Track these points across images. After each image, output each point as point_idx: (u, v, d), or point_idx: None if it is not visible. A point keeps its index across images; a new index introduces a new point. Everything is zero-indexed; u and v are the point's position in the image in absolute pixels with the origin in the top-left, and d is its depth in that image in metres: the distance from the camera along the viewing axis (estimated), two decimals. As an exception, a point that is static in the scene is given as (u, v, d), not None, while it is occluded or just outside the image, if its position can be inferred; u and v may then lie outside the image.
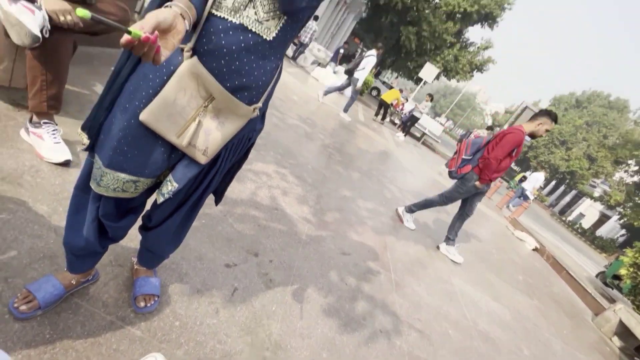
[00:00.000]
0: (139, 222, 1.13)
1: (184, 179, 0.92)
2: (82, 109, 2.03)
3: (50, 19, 1.36)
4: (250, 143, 1.02)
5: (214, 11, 0.79)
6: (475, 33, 69.03)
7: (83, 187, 0.98)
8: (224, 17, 0.78)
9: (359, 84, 7.08)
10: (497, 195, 11.31)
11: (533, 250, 6.75)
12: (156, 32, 0.57)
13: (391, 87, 15.25)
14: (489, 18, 17.25)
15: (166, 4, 0.69)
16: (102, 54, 2.80)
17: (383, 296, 2.17)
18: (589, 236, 23.05)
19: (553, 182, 37.07)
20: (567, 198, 36.35)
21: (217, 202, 1.16)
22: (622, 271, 6.21)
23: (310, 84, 9.05)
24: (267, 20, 0.80)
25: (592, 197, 29.56)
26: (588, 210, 32.85)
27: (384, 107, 10.62)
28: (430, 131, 12.48)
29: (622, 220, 23.35)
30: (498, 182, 10.67)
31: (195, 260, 1.53)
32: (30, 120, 1.53)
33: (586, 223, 30.22)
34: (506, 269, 4.47)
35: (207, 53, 0.79)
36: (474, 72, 18.50)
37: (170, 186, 0.92)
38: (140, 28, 0.56)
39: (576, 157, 30.90)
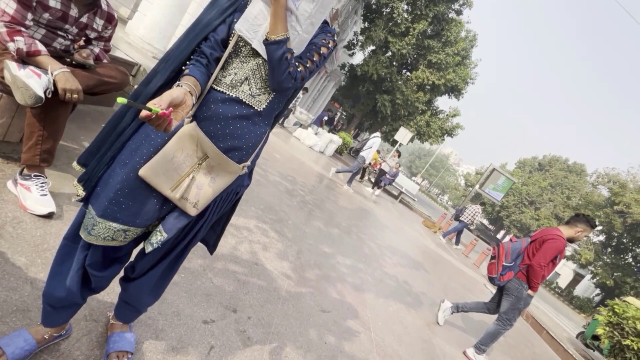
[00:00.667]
0: (121, 274, 1.14)
1: (174, 229, 0.98)
2: (70, 161, 2.07)
3: (56, 90, 1.47)
4: (237, 197, 1.11)
5: (214, 86, 0.95)
6: (444, 102, 75.84)
7: (72, 237, 1.01)
8: (222, 91, 0.94)
9: (367, 162, 8.17)
10: (474, 253, 11.50)
11: (512, 309, 6.73)
12: (170, 108, 0.70)
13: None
14: (454, 90, 19.17)
15: (177, 83, 0.83)
16: (93, 112, 2.92)
17: (363, 356, 2.12)
18: (567, 296, 23.20)
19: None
20: (542, 257, 37.09)
21: (211, 251, 1.23)
22: (599, 331, 6.25)
23: (292, 143, 9.46)
24: (259, 95, 0.96)
25: (564, 257, 30.37)
26: (562, 269, 33.49)
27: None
28: (407, 190, 12.96)
29: (595, 279, 23.87)
30: (474, 240, 10.91)
31: (173, 315, 1.50)
32: (21, 173, 1.56)
33: (562, 282, 30.61)
34: (484, 327, 4.42)
35: (206, 119, 0.93)
36: (445, 136, 19.95)
37: (159, 236, 0.98)
38: (158, 105, 0.68)
39: (545, 216, 32.37)
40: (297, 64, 0.92)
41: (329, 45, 0.98)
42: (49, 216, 1.55)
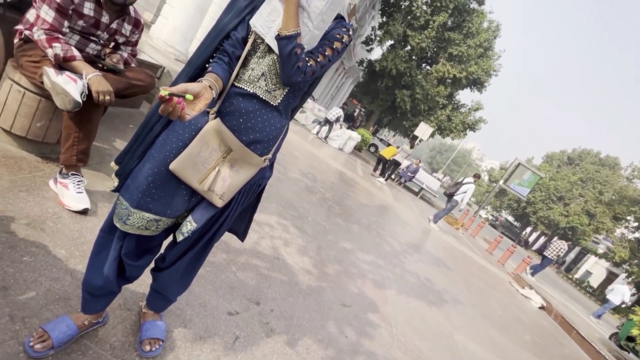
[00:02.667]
0: (152, 265, 1.21)
1: (202, 219, 1.04)
2: (102, 161, 2.19)
3: (90, 93, 1.56)
4: (260, 188, 1.16)
5: (235, 82, 1.00)
6: (466, 95, 73.93)
7: (108, 229, 1.09)
8: (242, 87, 0.99)
9: (462, 206, 8.40)
10: (499, 250, 11.19)
11: (540, 308, 6.53)
12: (179, 99, 0.73)
13: (389, 144, 15.92)
14: (477, 83, 18.61)
15: (199, 79, 0.88)
16: (122, 114, 3.06)
17: (384, 351, 2.13)
18: (599, 295, 22.16)
19: (555, 239, 36.65)
20: (572, 255, 35.63)
21: (242, 239, 1.32)
22: (635, 331, 5.96)
23: (310, 140, 9.51)
24: (274, 90, 1.00)
25: (596, 254, 29.02)
26: (594, 268, 32.00)
27: (382, 163, 10.98)
28: (428, 186, 12.75)
29: (630, 279, 22.64)
30: (498, 237, 10.61)
31: (199, 306, 1.57)
32: (60, 172, 1.67)
33: (594, 281, 29.24)
34: (512, 328, 4.32)
35: (229, 113, 0.99)
36: (467, 130, 19.44)
37: (190, 225, 1.04)
38: (175, 91, 0.73)
39: (575, 212, 30.97)
40: (307, 58, 0.95)
41: (343, 40, 0.99)
42: (84, 212, 1.66)
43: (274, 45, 0.93)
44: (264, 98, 0.99)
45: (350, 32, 1.02)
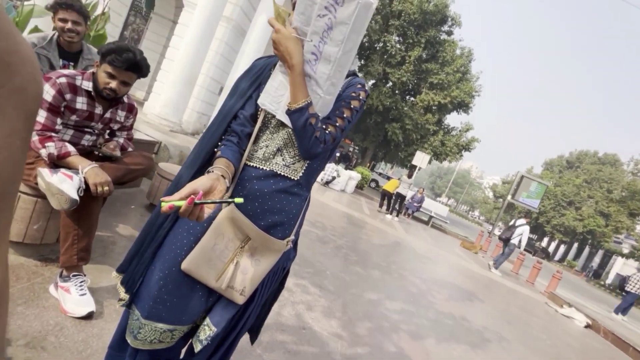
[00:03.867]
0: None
1: (222, 321, 0.90)
2: (105, 252, 2.07)
3: (87, 187, 1.49)
4: (284, 272, 1.02)
5: (248, 162, 0.90)
6: (455, 119, 75.77)
7: (118, 345, 0.94)
8: (256, 166, 0.89)
9: (522, 248, 8.48)
10: (524, 268, 10.68)
11: (585, 327, 6.03)
12: (192, 196, 0.65)
13: (389, 178, 15.93)
14: (462, 106, 19.11)
15: (208, 169, 0.79)
16: (122, 195, 3.00)
17: (442, 421, 1.84)
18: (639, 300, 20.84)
19: (575, 245, 35.47)
20: (597, 259, 34.22)
21: (252, 340, 1.09)
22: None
23: (313, 187, 9.46)
24: (294, 164, 0.90)
25: (622, 255, 27.85)
26: (624, 270, 30.46)
27: (387, 197, 10.86)
28: (436, 213, 12.51)
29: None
30: (520, 255, 10.14)
31: (228, 410, 1.35)
32: (61, 275, 1.54)
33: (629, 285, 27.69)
34: (564, 356, 3.92)
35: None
36: (462, 152, 19.59)
37: (208, 331, 0.89)
38: (179, 198, 0.65)
39: (589, 215, 30.23)
40: (325, 126, 0.87)
41: (360, 97, 0.92)
42: (89, 316, 1.50)
43: (287, 120, 0.86)
44: (283, 174, 0.89)
45: (366, 87, 0.95)
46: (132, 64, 1.55)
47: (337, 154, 15.76)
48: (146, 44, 10.71)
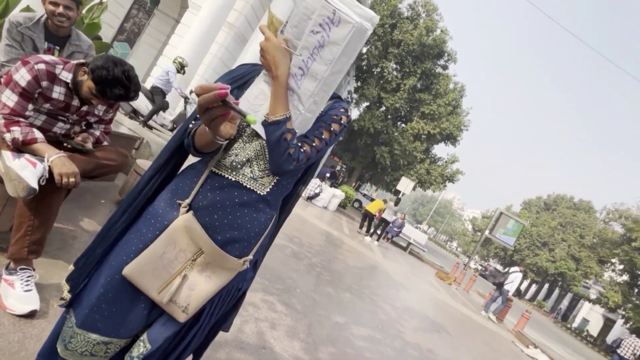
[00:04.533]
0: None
1: (160, 339, 0.82)
2: (63, 246, 1.96)
3: (51, 176, 1.41)
4: (240, 293, 0.97)
5: (214, 169, 0.85)
6: (442, 149, 77.90)
7: (48, 354, 0.86)
8: (222, 175, 0.84)
9: (510, 295, 8.70)
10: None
11: (548, 370, 6.07)
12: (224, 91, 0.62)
13: (372, 200, 16.01)
14: (450, 138, 19.66)
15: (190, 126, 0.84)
16: (94, 188, 2.88)
17: None
18: (601, 345, 21.30)
19: (546, 286, 36.20)
20: (565, 302, 34.94)
21: (226, 330, 1.04)
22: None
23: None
24: (262, 178, 0.86)
25: (589, 300, 28.55)
26: (590, 315, 31.22)
27: (369, 219, 10.86)
28: (415, 240, 12.58)
29: (628, 325, 22.09)
30: (492, 291, 10.22)
31: None
32: (7, 267, 1.44)
33: (592, 329, 28.32)
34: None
35: (202, 208, 0.83)
36: (446, 182, 19.99)
37: (142, 348, 0.82)
38: (218, 88, 0.63)
39: (560, 257, 31.05)
40: (300, 143, 0.84)
41: (342, 121, 0.90)
42: (30, 315, 1.39)
43: (262, 131, 0.82)
44: (249, 187, 0.84)
45: (349, 112, 0.94)
46: (121, 99, 1.53)
47: (328, 174, 15.77)
48: (145, 38, 10.65)
